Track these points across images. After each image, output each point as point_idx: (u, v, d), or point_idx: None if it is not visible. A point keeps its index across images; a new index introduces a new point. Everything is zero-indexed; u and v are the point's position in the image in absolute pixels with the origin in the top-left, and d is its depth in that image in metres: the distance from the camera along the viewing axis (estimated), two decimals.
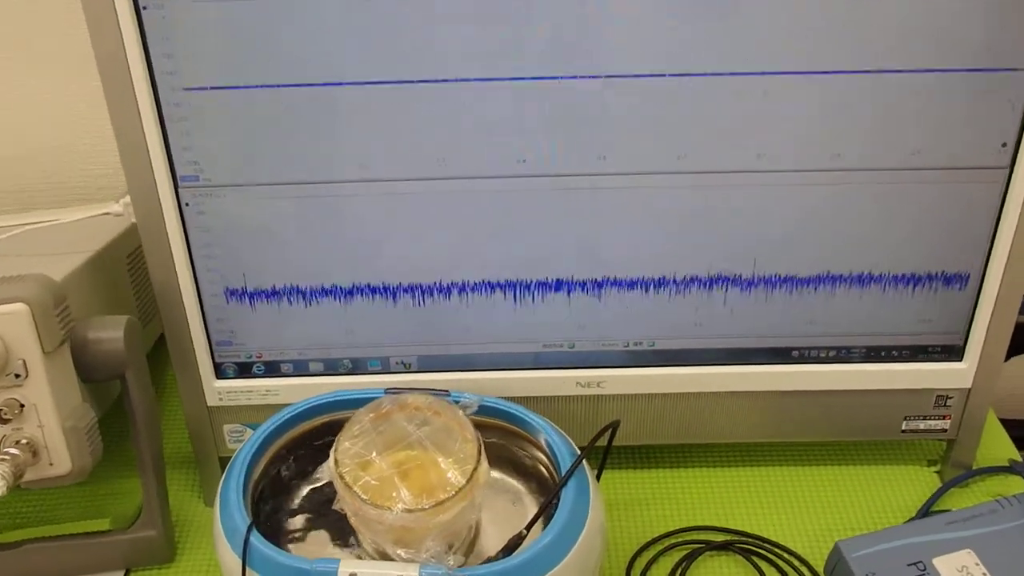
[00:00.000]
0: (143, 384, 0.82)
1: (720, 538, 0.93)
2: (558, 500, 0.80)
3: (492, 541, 0.86)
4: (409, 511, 0.75)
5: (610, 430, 0.87)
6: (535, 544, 0.76)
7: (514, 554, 0.76)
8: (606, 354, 0.89)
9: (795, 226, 0.80)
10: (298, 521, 0.89)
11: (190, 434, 0.94)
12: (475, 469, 0.77)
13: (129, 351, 0.80)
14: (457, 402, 0.85)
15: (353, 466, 0.78)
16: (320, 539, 0.87)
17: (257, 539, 0.77)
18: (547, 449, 0.86)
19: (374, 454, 0.79)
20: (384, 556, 0.78)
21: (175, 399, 0.98)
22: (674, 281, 0.91)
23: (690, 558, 0.90)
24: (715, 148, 0.77)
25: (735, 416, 0.91)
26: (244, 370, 0.91)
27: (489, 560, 0.80)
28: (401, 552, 0.75)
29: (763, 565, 0.88)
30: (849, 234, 0.80)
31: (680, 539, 0.93)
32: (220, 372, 0.90)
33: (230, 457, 0.85)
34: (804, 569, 0.88)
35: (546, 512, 0.81)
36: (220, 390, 0.90)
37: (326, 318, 0.86)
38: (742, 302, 0.92)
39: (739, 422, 0.92)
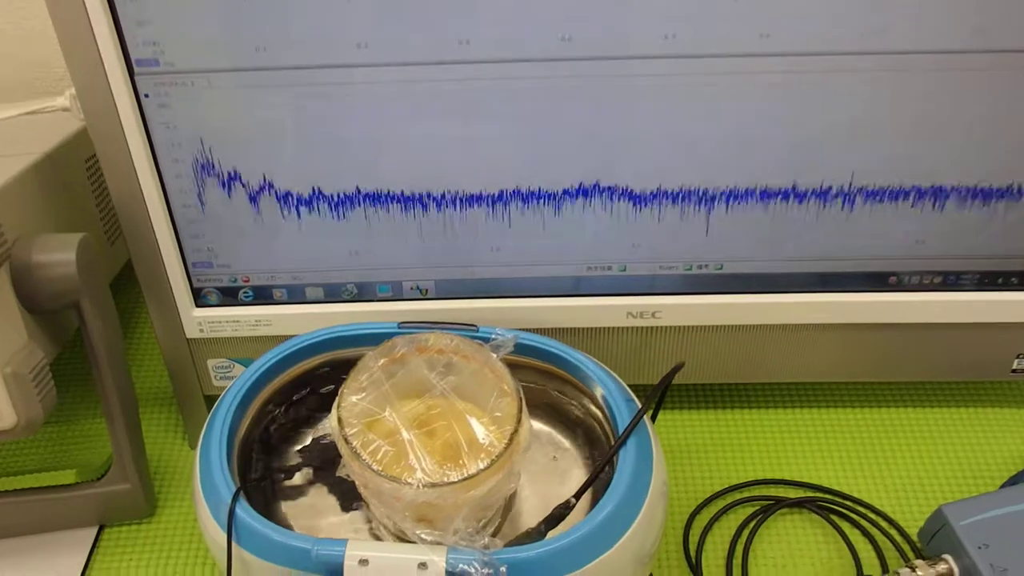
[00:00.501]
0: (103, 314, 0.67)
1: (794, 494, 0.80)
2: (614, 462, 0.61)
3: (528, 505, 0.68)
4: (433, 485, 0.56)
5: (671, 375, 0.67)
6: (591, 519, 0.58)
7: (567, 531, 0.57)
8: (663, 279, 0.76)
9: (902, 127, 0.62)
10: (297, 480, 0.70)
11: (169, 372, 0.82)
12: (515, 431, 0.58)
13: (83, 275, 0.64)
14: (487, 341, 0.65)
15: (361, 427, 0.59)
16: (324, 503, 0.69)
17: (245, 510, 0.58)
18: (599, 397, 0.67)
19: (387, 411, 0.60)
20: (402, 535, 0.59)
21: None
22: (749, 192, 0.71)
23: (758, 517, 0.78)
24: (809, 25, 0.55)
25: (816, 353, 0.79)
26: (229, 297, 0.78)
27: (529, 535, 0.62)
28: (423, 533, 0.57)
29: (845, 526, 0.77)
30: (961, 137, 0.59)
31: (746, 495, 0.80)
32: (200, 299, 0.77)
33: (217, 396, 0.68)
34: (893, 532, 0.77)
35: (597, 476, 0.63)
36: (201, 320, 0.77)
37: (325, 234, 0.72)
38: (832, 218, 0.73)
39: (820, 359, 0.80)
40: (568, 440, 0.73)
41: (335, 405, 0.62)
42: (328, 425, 0.61)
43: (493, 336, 0.68)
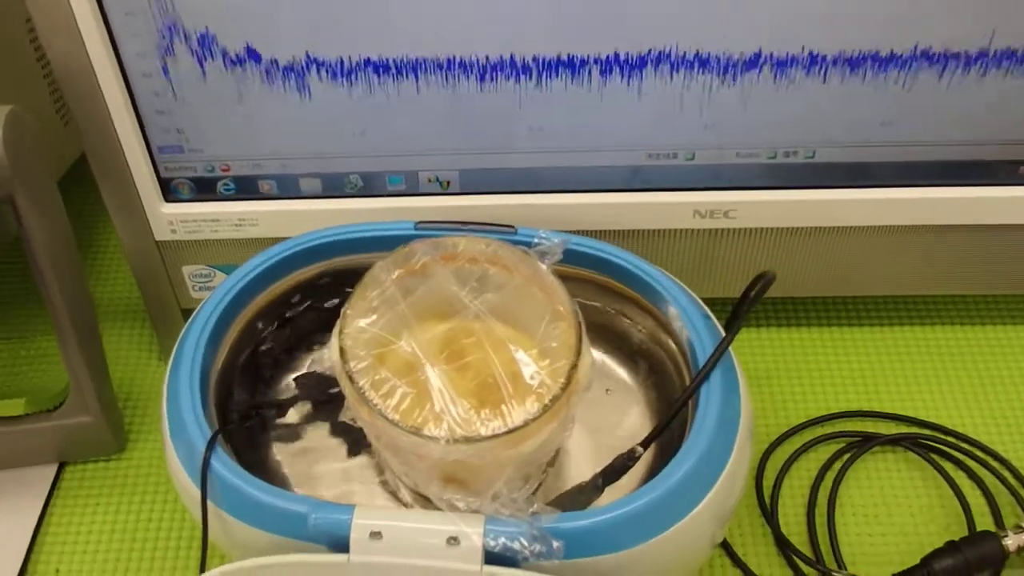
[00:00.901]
0: (43, 209, 0.55)
1: (888, 429, 0.67)
2: (693, 401, 0.48)
3: (575, 450, 0.53)
4: (467, 440, 0.40)
5: (762, 289, 0.51)
6: (669, 474, 0.45)
7: (638, 491, 0.44)
8: (740, 169, 0.61)
9: None
10: (292, 417, 0.54)
11: (138, 282, 0.68)
12: (573, 366, 0.42)
13: (14, 159, 0.52)
14: (530, 247, 0.48)
15: (371, 360, 0.43)
16: (325, 446, 0.55)
17: (223, 462, 0.43)
18: (670, 318, 0.54)
19: (405, 339, 0.44)
20: (425, 498, 0.43)
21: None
22: (855, 58, 0.53)
23: (845, 457, 0.65)
24: None
25: (922, 260, 0.65)
26: (205, 190, 0.63)
27: (582, 491, 0.46)
28: (454, 499, 0.41)
29: (949, 468, 0.65)
30: None
31: (831, 430, 0.67)
32: (170, 192, 0.63)
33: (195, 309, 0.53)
34: (1008, 475, 0.64)
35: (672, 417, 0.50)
36: (172, 218, 0.63)
37: (322, 110, 0.57)
38: (961, 91, 0.57)
39: (926, 268, 0.66)
40: (626, 371, 0.57)
41: (336, 331, 0.45)
42: (328, 355, 0.44)
43: (536, 240, 0.51)
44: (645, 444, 0.50)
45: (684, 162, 0.62)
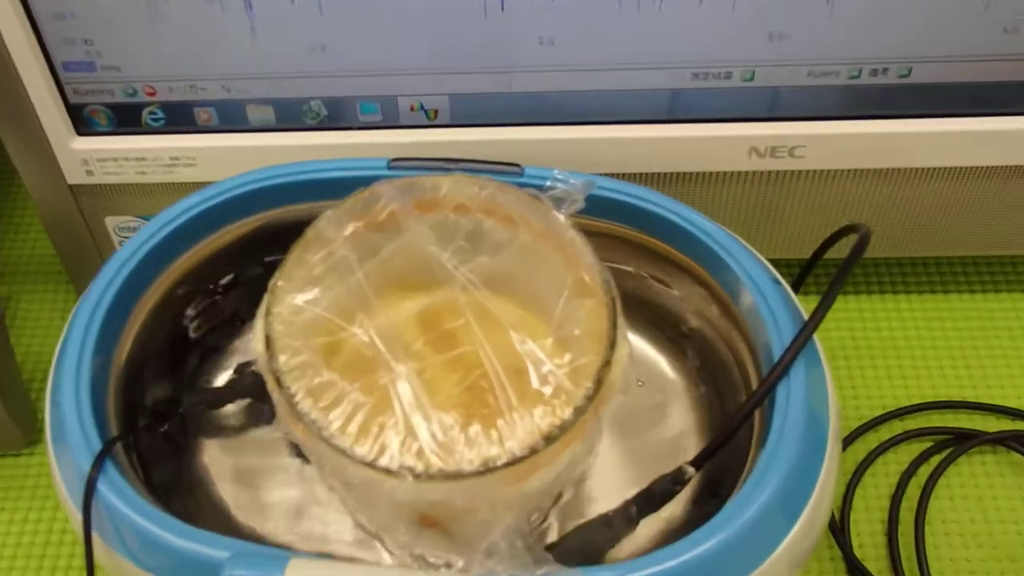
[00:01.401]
0: None
1: (991, 424, 0.52)
2: (767, 402, 0.34)
3: (599, 460, 0.40)
4: (449, 476, 0.25)
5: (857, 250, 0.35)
6: (739, 510, 0.32)
7: (696, 534, 0.30)
8: (814, 93, 0.47)
9: None
10: (235, 420, 0.39)
11: (50, 236, 0.54)
12: (606, 364, 0.26)
13: None
14: (541, 191, 0.32)
15: (310, 355, 0.28)
16: (279, 460, 0.39)
17: (113, 486, 0.33)
18: (729, 290, 0.39)
19: (359, 324, 0.28)
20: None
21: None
22: None
23: (938, 458, 0.51)
24: None
25: None
26: (127, 119, 0.49)
27: (609, 524, 0.32)
28: (430, 551, 0.25)
29: None
30: None
31: (919, 424, 0.52)
32: (83, 123, 0.49)
33: None
34: None
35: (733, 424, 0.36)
36: (86, 155, 0.50)
37: (270, 15, 0.45)
38: None
39: None
40: (666, 357, 0.42)
41: (261, 311, 0.29)
42: (253, 345, 0.28)
43: (550, 183, 0.35)
44: (698, 462, 0.35)
45: (740, 83, 0.46)
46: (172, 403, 0.41)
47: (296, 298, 0.31)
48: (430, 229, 0.33)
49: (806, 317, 0.36)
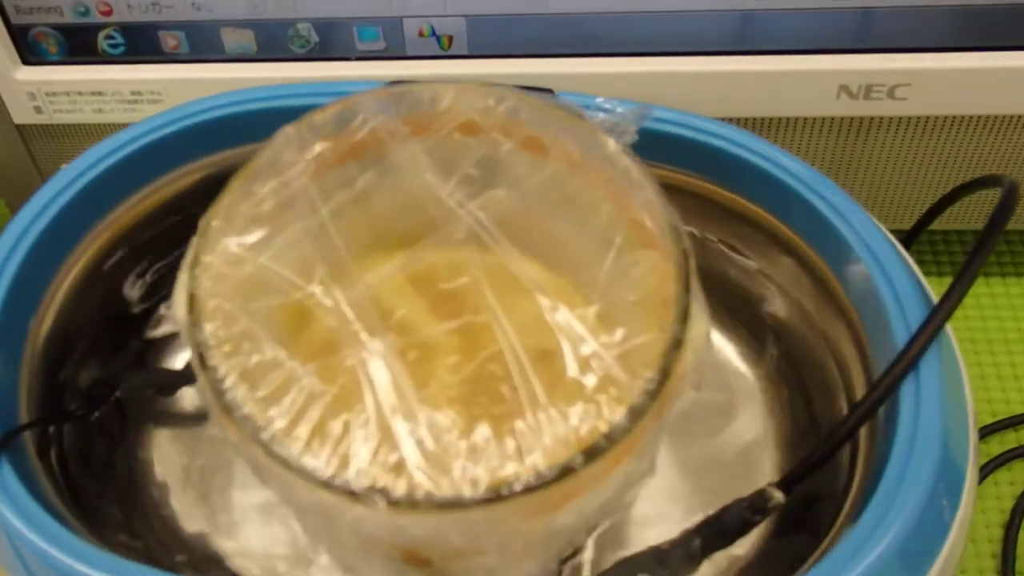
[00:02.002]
0: None
1: None
2: (889, 408, 0.24)
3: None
4: (441, 506, 0.14)
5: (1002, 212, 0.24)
6: (859, 549, 0.22)
7: None
8: (921, 17, 0.37)
9: None
10: (188, 404, 0.28)
11: None
12: (675, 345, 0.15)
13: None
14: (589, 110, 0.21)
15: (248, 323, 0.15)
16: (225, 449, 0.29)
17: (8, 494, 0.20)
18: (830, 261, 0.28)
19: (320, 283, 0.17)
20: None
21: None
22: None
23: None
24: None
25: None
26: (81, 46, 0.41)
27: (662, 561, 0.20)
28: None
29: None
30: None
31: None
32: (29, 50, 0.41)
33: None
34: None
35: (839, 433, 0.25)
36: (34, 89, 0.41)
37: None
38: None
39: None
40: (739, 347, 0.31)
41: (187, 260, 0.19)
42: (175, 308, 0.18)
43: (591, 111, 0.24)
44: (788, 484, 0.24)
45: (828, 4, 0.35)
46: (109, 387, 0.31)
47: (234, 243, 0.21)
48: (425, 154, 0.23)
49: (934, 298, 0.26)
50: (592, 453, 0.19)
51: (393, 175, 0.23)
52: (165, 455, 0.32)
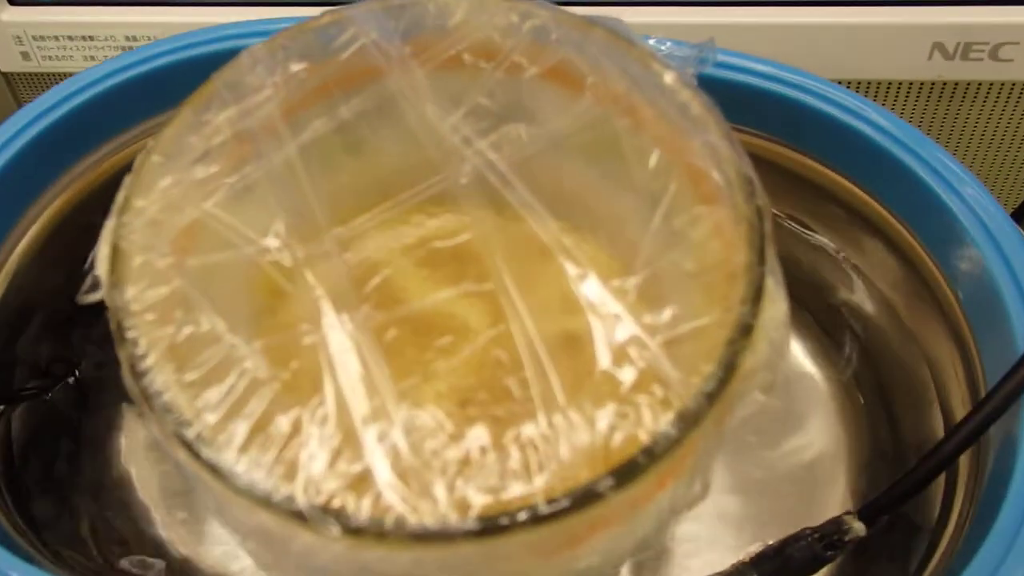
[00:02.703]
0: None
1: None
2: (1008, 431, 0.19)
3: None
4: (420, 537, 0.09)
5: None
6: None
7: None
8: None
9: None
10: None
11: None
12: (744, 330, 0.09)
13: None
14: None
15: (187, 285, 0.10)
16: None
17: None
18: (928, 238, 0.22)
19: (278, 236, 0.12)
20: None
21: None
22: None
23: None
24: None
25: None
26: None
27: None
28: None
29: None
30: None
31: None
32: None
33: None
34: None
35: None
36: (20, 32, 0.37)
37: None
38: None
39: None
40: (809, 346, 0.25)
41: (116, 204, 0.13)
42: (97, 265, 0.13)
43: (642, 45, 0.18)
44: (869, 514, 0.19)
45: None
46: (69, 366, 0.27)
47: (174, 184, 0.16)
48: (428, 81, 0.17)
49: None
50: (626, 473, 0.14)
51: (385, 107, 0.18)
52: (136, 446, 0.27)
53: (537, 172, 0.17)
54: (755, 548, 0.24)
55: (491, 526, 0.14)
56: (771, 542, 0.23)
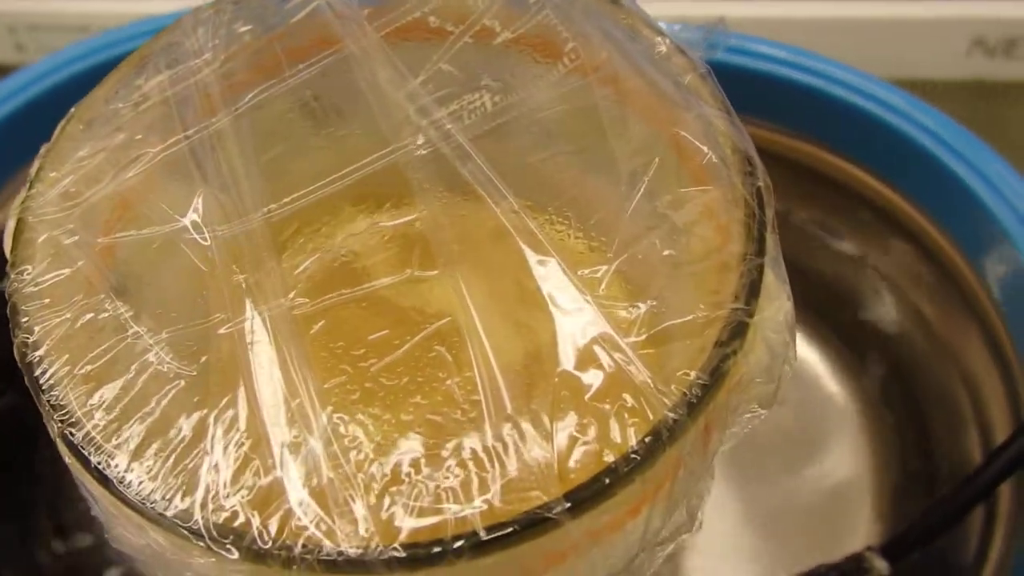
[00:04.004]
0: None
1: None
2: None
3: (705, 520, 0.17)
4: (342, 566, 0.06)
5: None
6: None
7: None
8: None
9: None
10: None
11: None
12: (736, 331, 0.06)
13: None
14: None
15: (91, 266, 0.08)
16: None
17: None
18: (962, 238, 0.20)
19: (197, 212, 0.09)
20: None
21: None
22: None
23: None
24: None
25: None
26: None
27: None
28: None
29: None
30: None
31: None
32: None
33: None
34: None
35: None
36: (13, 21, 0.36)
37: None
38: None
39: None
40: (830, 361, 0.22)
41: (30, 174, 0.11)
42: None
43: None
44: (895, 550, 0.15)
45: None
46: None
47: (92, 153, 0.14)
48: (387, 44, 0.15)
49: None
50: (585, 496, 0.11)
51: (336, 74, 0.15)
52: None
53: (502, 146, 0.14)
54: None
55: (421, 555, 0.11)
56: None
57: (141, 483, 0.12)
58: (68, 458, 0.12)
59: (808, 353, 0.26)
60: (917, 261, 0.22)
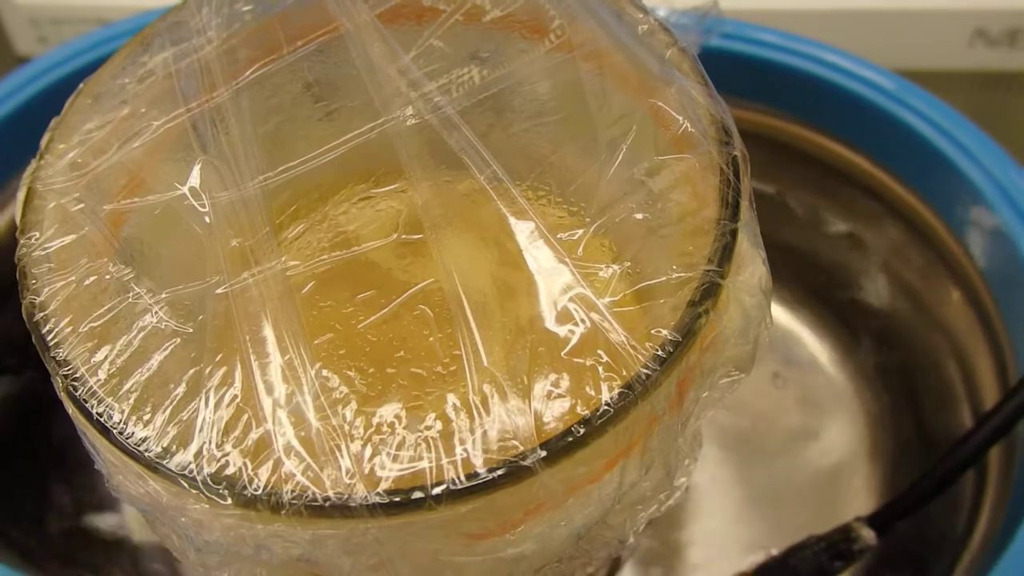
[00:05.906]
0: None
1: None
2: None
3: (701, 496, 0.19)
4: (328, 511, 0.09)
5: None
6: None
7: None
8: None
9: None
10: None
11: None
12: (707, 292, 0.07)
13: None
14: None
15: (97, 232, 0.09)
16: None
17: None
18: (954, 220, 0.20)
19: (199, 178, 0.09)
20: None
21: None
22: None
23: None
24: None
25: None
26: None
27: None
28: None
29: None
30: None
31: None
32: None
33: None
34: None
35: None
36: (36, 14, 0.36)
37: None
38: None
39: None
40: (826, 342, 0.22)
41: (41, 146, 0.12)
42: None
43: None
44: (883, 522, 0.16)
45: None
46: None
47: (100, 126, 0.14)
48: (381, 22, 0.15)
49: None
50: (559, 447, 0.11)
51: (331, 50, 0.16)
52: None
53: (487, 118, 0.15)
54: (758, 558, 0.22)
55: (402, 501, 0.12)
56: (775, 552, 0.21)
57: (140, 434, 0.13)
58: (72, 410, 0.13)
59: (803, 333, 0.26)
60: (907, 241, 0.23)
